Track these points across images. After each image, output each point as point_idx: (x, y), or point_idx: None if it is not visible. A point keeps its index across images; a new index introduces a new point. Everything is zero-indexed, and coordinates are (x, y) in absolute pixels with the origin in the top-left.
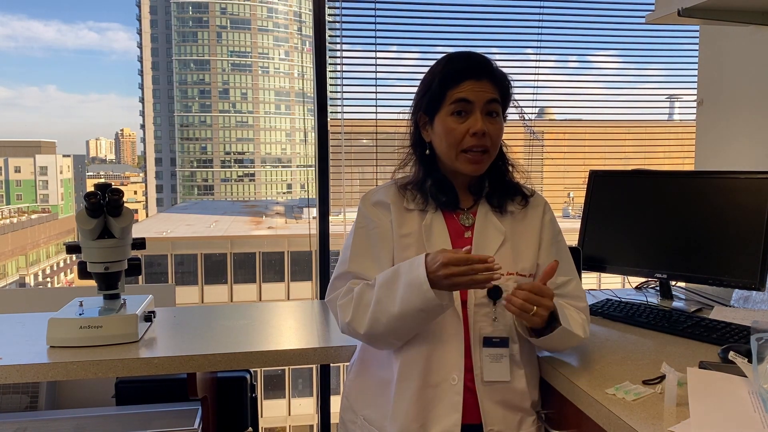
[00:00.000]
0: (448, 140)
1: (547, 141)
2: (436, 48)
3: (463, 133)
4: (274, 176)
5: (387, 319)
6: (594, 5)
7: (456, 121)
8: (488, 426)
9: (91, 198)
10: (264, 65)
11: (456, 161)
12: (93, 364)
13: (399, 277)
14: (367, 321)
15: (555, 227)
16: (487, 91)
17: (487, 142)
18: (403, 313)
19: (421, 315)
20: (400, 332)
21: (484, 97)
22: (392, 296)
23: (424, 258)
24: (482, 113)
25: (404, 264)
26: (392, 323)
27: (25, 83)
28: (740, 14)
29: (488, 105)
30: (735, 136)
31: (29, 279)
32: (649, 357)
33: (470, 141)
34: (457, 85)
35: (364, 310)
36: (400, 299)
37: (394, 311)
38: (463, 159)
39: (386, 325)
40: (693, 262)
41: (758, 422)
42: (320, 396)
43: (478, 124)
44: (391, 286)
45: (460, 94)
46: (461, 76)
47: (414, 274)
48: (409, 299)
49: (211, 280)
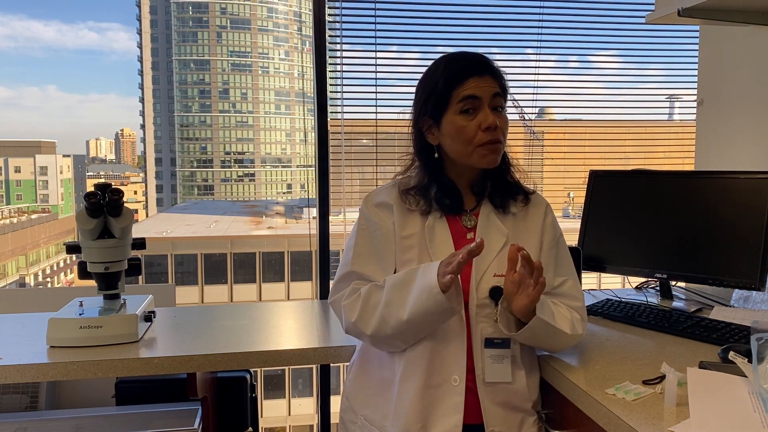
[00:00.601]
0: (460, 138)
1: (547, 141)
2: (436, 48)
3: (475, 129)
4: (274, 176)
5: (396, 322)
6: (594, 5)
7: (466, 119)
8: (489, 427)
9: (91, 198)
10: (264, 65)
11: (471, 158)
12: (93, 364)
13: (411, 281)
14: (374, 322)
15: (556, 229)
16: (491, 85)
17: (499, 135)
18: (412, 315)
19: (430, 318)
20: (406, 335)
21: (490, 92)
22: (403, 299)
23: (438, 264)
24: (490, 108)
25: (417, 268)
26: (400, 326)
27: (25, 83)
28: (740, 14)
29: (494, 99)
30: (735, 136)
31: (29, 279)
32: (649, 357)
33: (483, 136)
34: (462, 84)
35: (371, 311)
36: (411, 302)
37: (403, 314)
38: (479, 154)
39: (394, 328)
40: (693, 262)
41: (758, 422)
42: (320, 396)
43: (489, 119)
44: (403, 289)
45: (467, 91)
46: (465, 75)
47: (426, 279)
48: (420, 302)
49: (211, 280)
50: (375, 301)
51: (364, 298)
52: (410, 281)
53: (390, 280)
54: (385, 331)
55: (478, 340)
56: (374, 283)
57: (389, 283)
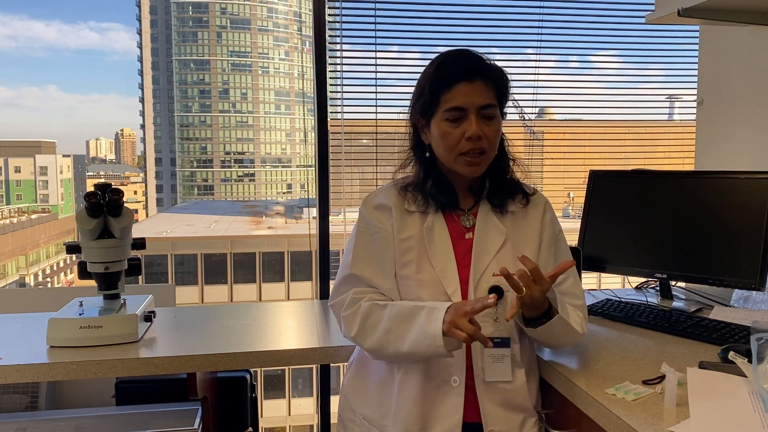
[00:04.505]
0: (444, 145)
1: (547, 141)
2: (436, 48)
3: (459, 137)
4: (274, 176)
5: (394, 351)
6: (594, 5)
7: (451, 126)
8: (488, 426)
9: (91, 198)
10: (264, 65)
11: (454, 164)
12: (93, 364)
13: (415, 320)
14: (373, 342)
15: (555, 226)
16: (481, 94)
17: (483, 144)
18: (410, 353)
19: (427, 358)
20: (403, 362)
21: (477, 103)
22: (404, 334)
23: (444, 311)
24: (477, 116)
25: (423, 307)
26: (398, 356)
27: (26, 83)
28: (740, 14)
29: (482, 109)
30: (735, 137)
31: (29, 279)
32: (649, 357)
33: (466, 145)
34: (449, 90)
35: (371, 331)
36: (411, 341)
37: (402, 348)
38: (461, 162)
39: (392, 355)
40: (693, 262)
41: (758, 422)
42: (320, 396)
43: (472, 128)
44: (405, 324)
45: (453, 102)
46: (454, 80)
47: (431, 326)
48: (420, 345)
49: (211, 280)
50: (374, 321)
51: (363, 315)
52: (414, 318)
53: (393, 309)
54: (382, 354)
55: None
56: (374, 302)
57: (392, 312)
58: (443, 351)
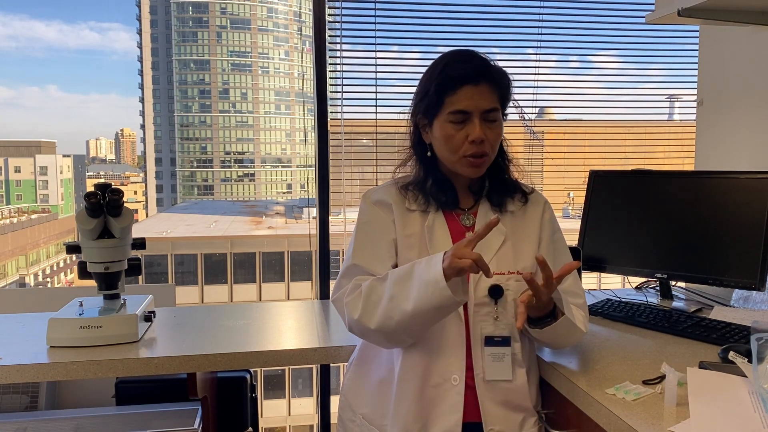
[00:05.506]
0: (447, 147)
1: (547, 141)
2: (437, 48)
3: (462, 140)
4: (274, 176)
5: (400, 316)
6: (594, 5)
7: (454, 128)
8: (488, 426)
9: (91, 198)
10: (264, 65)
11: (456, 165)
12: (93, 364)
13: (414, 275)
14: (378, 317)
15: (554, 225)
16: (485, 98)
17: (486, 147)
18: (416, 310)
19: (435, 312)
20: (412, 328)
21: (482, 107)
22: (407, 293)
23: (442, 256)
24: (480, 120)
25: (420, 262)
26: (405, 320)
27: (26, 83)
28: (740, 14)
29: (486, 113)
30: (735, 137)
31: (29, 279)
32: (649, 357)
33: (469, 148)
34: (454, 92)
35: (374, 306)
36: (415, 296)
37: (407, 308)
38: (463, 163)
39: (399, 322)
40: (693, 262)
41: (758, 422)
42: (320, 396)
43: (476, 132)
44: (406, 283)
45: (458, 105)
46: (459, 82)
47: (431, 272)
48: (425, 297)
49: (211, 280)
50: (377, 295)
51: (366, 293)
52: (413, 274)
53: (392, 275)
54: (390, 326)
55: (478, 339)
56: (375, 278)
57: (392, 278)
58: (449, 294)
